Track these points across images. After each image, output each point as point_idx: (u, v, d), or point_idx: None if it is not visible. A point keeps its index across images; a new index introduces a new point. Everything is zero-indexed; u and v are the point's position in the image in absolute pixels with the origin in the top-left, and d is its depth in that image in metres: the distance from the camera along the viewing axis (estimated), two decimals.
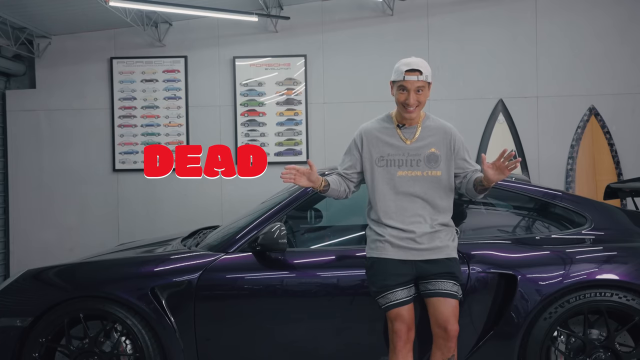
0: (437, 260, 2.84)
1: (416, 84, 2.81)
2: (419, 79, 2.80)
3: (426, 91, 2.85)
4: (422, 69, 2.81)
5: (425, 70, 2.82)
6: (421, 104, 2.86)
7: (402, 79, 2.81)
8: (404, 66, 2.82)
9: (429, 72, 2.84)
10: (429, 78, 2.84)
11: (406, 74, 2.81)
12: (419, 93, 2.82)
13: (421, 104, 2.85)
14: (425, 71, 2.82)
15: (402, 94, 2.84)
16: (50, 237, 6.50)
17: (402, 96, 2.84)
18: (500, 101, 6.34)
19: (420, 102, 2.84)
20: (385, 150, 2.91)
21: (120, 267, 3.44)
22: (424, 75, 2.81)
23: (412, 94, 2.81)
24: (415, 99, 2.82)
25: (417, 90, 2.82)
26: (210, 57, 6.50)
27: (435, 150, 2.88)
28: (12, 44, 6.10)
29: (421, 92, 2.83)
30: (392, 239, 2.84)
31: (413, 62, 2.83)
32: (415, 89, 2.81)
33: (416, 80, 2.80)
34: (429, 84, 2.86)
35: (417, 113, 2.87)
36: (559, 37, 6.32)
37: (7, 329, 3.21)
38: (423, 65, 2.83)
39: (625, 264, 3.09)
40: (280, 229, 3.13)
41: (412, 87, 2.81)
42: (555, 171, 6.31)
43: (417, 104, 2.83)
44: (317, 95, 6.45)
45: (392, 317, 2.82)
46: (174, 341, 3.16)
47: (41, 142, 6.57)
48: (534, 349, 3.07)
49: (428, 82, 2.84)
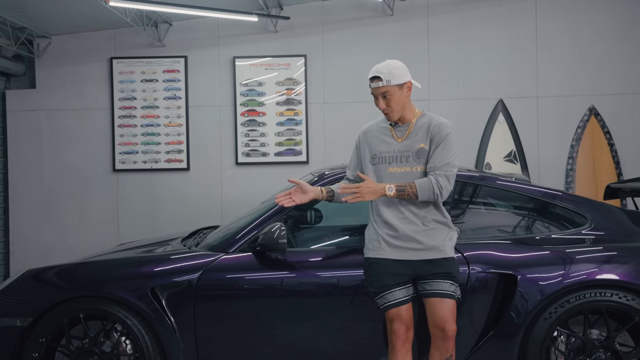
0: (435, 260, 2.84)
1: (379, 90, 2.85)
2: (380, 85, 2.83)
3: (395, 94, 2.84)
4: (381, 75, 2.82)
5: (385, 75, 2.82)
6: (395, 106, 2.86)
7: (370, 87, 2.88)
8: (369, 74, 2.88)
9: (394, 75, 2.83)
10: (392, 81, 2.82)
11: (370, 81, 2.87)
12: (387, 98, 2.85)
13: (395, 106, 2.86)
14: (386, 76, 2.82)
15: (375, 100, 2.90)
16: (50, 237, 6.50)
17: (375, 103, 2.91)
18: (500, 101, 6.34)
19: (390, 106, 2.86)
20: (378, 148, 2.94)
21: (120, 267, 3.44)
22: (383, 80, 2.82)
23: (380, 101, 2.87)
24: (384, 104, 2.86)
25: (382, 95, 2.85)
26: (210, 57, 6.50)
27: (424, 145, 2.88)
28: (12, 44, 6.10)
29: (388, 96, 2.84)
30: (388, 238, 2.85)
31: (374, 69, 2.87)
32: (380, 94, 2.85)
33: (377, 87, 2.85)
34: (400, 85, 2.84)
35: (395, 114, 2.89)
36: (559, 37, 6.32)
37: (7, 329, 3.21)
38: (384, 70, 2.84)
39: (625, 264, 3.09)
40: (280, 229, 3.13)
41: (377, 94, 2.87)
42: (555, 171, 6.31)
43: (387, 108, 2.86)
44: (317, 95, 6.45)
45: (391, 317, 2.82)
46: (174, 341, 3.16)
47: (41, 142, 6.58)
48: (534, 349, 3.07)
49: (397, 84, 2.83)
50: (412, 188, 2.78)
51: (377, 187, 2.77)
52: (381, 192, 2.77)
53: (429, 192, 2.78)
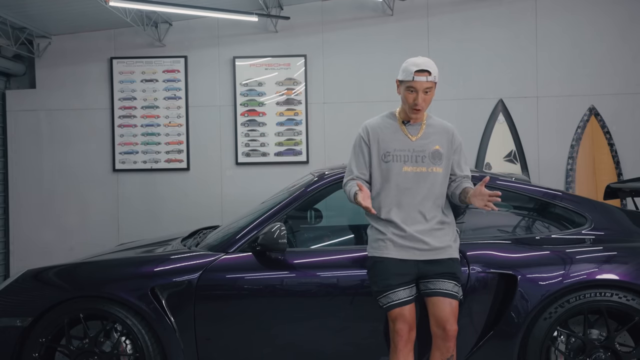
0: (439, 261, 2.84)
1: (425, 84, 2.81)
2: (428, 80, 2.80)
3: (433, 91, 2.86)
4: (430, 70, 2.81)
5: (433, 70, 2.82)
6: (428, 103, 2.87)
7: (411, 80, 2.81)
8: (413, 66, 2.81)
9: (437, 73, 2.85)
10: (436, 78, 2.84)
11: (415, 74, 2.80)
12: (427, 94, 2.83)
13: (427, 103, 2.87)
14: (434, 72, 2.82)
15: (411, 94, 2.83)
16: (50, 237, 6.50)
17: (410, 97, 2.84)
18: (500, 101, 6.34)
19: (426, 102, 2.85)
20: (391, 145, 2.89)
21: (120, 267, 3.44)
22: (432, 75, 2.81)
23: (421, 95, 2.82)
24: (423, 100, 2.83)
25: (425, 91, 2.82)
26: (210, 57, 6.50)
27: (439, 147, 2.89)
28: (12, 44, 6.10)
29: (429, 92, 2.83)
30: (394, 237, 2.84)
31: (422, 63, 2.81)
32: (423, 89, 2.81)
33: (425, 81, 2.80)
34: (435, 83, 2.86)
35: (423, 112, 2.90)
36: (559, 37, 6.32)
37: (7, 329, 3.21)
38: (431, 66, 2.82)
39: (625, 264, 3.08)
40: (280, 229, 3.13)
41: (420, 88, 2.81)
42: (555, 171, 6.31)
43: (422, 104, 2.83)
44: (317, 95, 6.45)
45: (394, 317, 2.81)
46: (174, 341, 3.16)
47: (41, 142, 6.58)
48: (534, 349, 3.07)
49: (435, 82, 2.85)
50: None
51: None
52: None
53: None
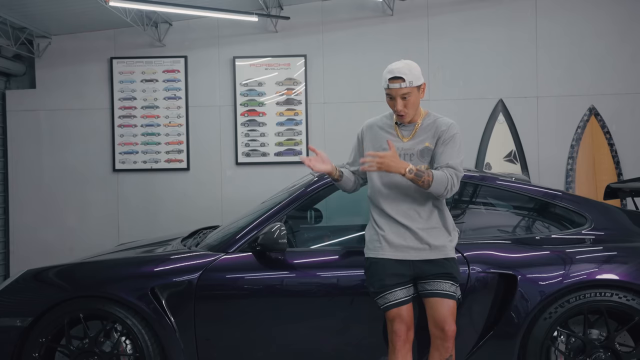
0: (435, 261, 2.84)
1: (400, 91, 2.79)
2: (402, 87, 2.78)
3: (414, 95, 2.82)
4: (404, 76, 2.77)
5: (408, 76, 2.77)
6: (411, 108, 2.83)
7: (387, 87, 2.81)
8: (388, 74, 2.80)
9: (415, 76, 2.80)
10: (414, 83, 2.79)
11: (389, 82, 2.79)
12: (406, 99, 2.80)
13: (411, 108, 2.83)
14: (409, 77, 2.78)
15: (390, 101, 2.84)
16: (50, 237, 6.50)
17: (390, 103, 2.85)
18: (500, 101, 6.34)
19: (408, 107, 2.82)
20: (382, 145, 2.90)
21: (120, 267, 3.44)
22: (406, 82, 2.77)
23: (399, 101, 2.80)
24: (402, 105, 2.81)
25: (402, 97, 2.80)
26: (210, 57, 6.50)
27: (428, 144, 2.86)
28: (12, 44, 6.10)
29: (408, 97, 2.80)
30: (390, 236, 2.84)
31: (395, 69, 2.79)
32: (400, 96, 2.80)
33: (399, 87, 2.78)
34: (418, 86, 2.82)
35: (410, 116, 2.86)
36: (559, 37, 6.32)
37: (7, 329, 3.21)
38: (405, 71, 2.78)
39: (625, 264, 3.09)
40: (280, 229, 3.13)
41: (397, 95, 2.80)
42: (555, 171, 6.31)
43: (404, 110, 2.82)
44: (317, 95, 6.45)
45: (392, 317, 2.82)
46: (174, 341, 3.16)
47: (41, 142, 6.58)
48: (534, 349, 3.07)
49: (417, 86, 2.81)
50: (429, 177, 2.69)
51: (400, 163, 2.68)
52: (401, 169, 2.67)
53: (442, 185, 2.71)
